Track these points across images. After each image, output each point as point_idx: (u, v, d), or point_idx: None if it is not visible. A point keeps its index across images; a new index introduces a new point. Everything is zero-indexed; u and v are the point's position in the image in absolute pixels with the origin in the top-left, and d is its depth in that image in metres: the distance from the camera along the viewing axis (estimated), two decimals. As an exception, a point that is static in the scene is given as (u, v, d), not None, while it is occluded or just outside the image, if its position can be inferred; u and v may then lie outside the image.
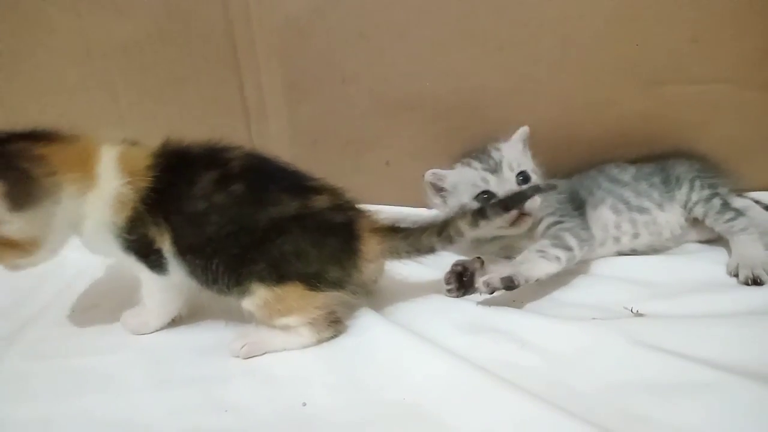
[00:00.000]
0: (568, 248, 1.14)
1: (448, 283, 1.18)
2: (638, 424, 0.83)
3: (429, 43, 1.30)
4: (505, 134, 1.33)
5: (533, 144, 1.31)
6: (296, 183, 1.05)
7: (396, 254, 1.04)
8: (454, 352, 0.98)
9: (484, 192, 1.21)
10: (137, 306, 1.13)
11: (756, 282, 1.10)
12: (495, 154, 1.23)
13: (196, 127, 1.42)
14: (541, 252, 1.13)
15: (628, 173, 1.34)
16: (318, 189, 1.05)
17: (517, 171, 1.22)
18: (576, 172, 1.37)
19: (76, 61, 1.36)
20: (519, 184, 1.21)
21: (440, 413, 0.87)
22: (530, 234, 1.24)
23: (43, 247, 1.00)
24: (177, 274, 1.05)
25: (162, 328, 1.13)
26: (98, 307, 1.24)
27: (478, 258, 1.22)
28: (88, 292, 1.30)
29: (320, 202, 1.03)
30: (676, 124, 1.38)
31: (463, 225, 1.03)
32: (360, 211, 1.07)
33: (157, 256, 1.03)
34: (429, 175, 1.25)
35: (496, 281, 1.09)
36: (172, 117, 1.41)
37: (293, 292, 0.99)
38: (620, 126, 1.38)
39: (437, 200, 1.29)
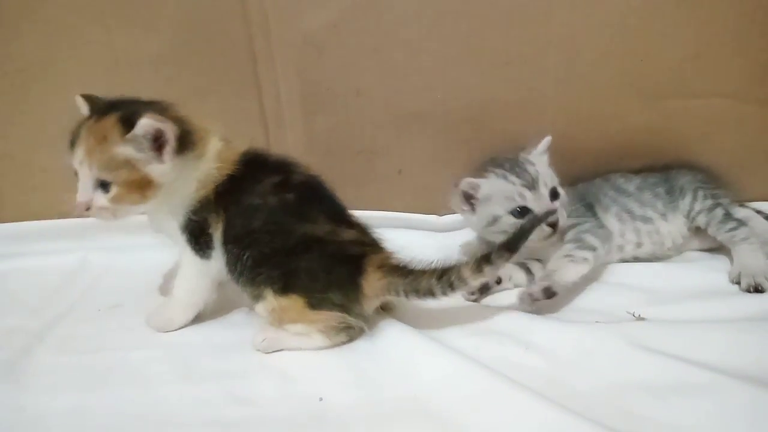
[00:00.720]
0: (593, 248, 1.19)
1: (471, 293, 1.22)
2: (638, 424, 0.86)
3: (440, 58, 1.35)
4: (514, 146, 1.38)
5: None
6: (336, 211, 1.13)
7: (395, 292, 1.06)
8: (463, 353, 1.01)
9: (521, 207, 1.20)
10: (162, 304, 1.19)
11: (758, 290, 1.14)
12: (531, 169, 1.22)
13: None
14: (569, 256, 1.17)
15: (632, 183, 1.37)
16: (351, 223, 1.13)
17: (549, 187, 1.23)
18: (581, 181, 1.41)
19: (105, 72, 1.41)
20: (551, 199, 1.22)
21: (449, 411, 0.91)
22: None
23: (155, 198, 1.08)
24: (217, 261, 1.12)
25: (185, 326, 1.17)
26: (122, 305, 1.28)
27: None
28: (112, 292, 1.34)
29: (347, 234, 1.10)
30: (678, 136, 1.41)
31: (467, 272, 1.02)
32: (377, 249, 1.12)
33: (207, 239, 1.11)
34: (464, 184, 1.24)
35: (537, 293, 1.13)
36: (195, 126, 1.47)
37: (295, 304, 1.06)
38: (624, 138, 1.41)
39: (466, 207, 1.28)
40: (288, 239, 1.07)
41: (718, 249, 1.32)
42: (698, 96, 1.37)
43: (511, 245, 1.01)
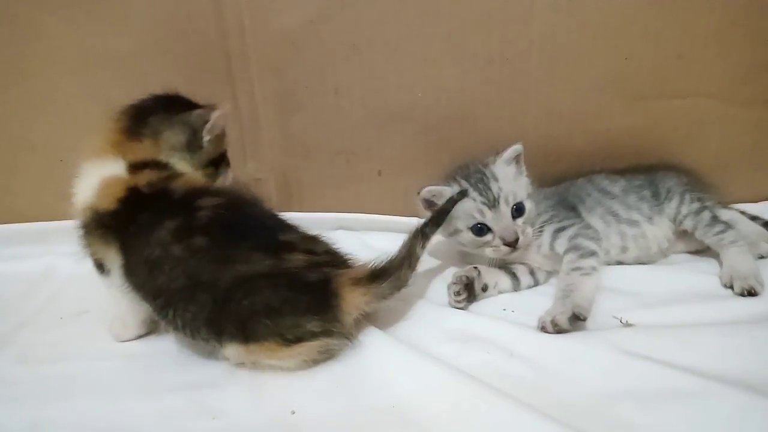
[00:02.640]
0: (594, 253, 1.16)
1: (457, 294, 1.17)
2: (624, 432, 0.84)
3: (420, 57, 1.32)
4: (496, 146, 1.35)
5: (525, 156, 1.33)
6: (269, 240, 1.01)
7: (382, 298, 1.02)
8: (443, 360, 0.99)
9: (481, 224, 1.20)
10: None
11: (751, 293, 1.12)
12: (494, 187, 1.20)
13: (190, 137, 1.43)
14: (579, 269, 1.14)
15: (617, 185, 1.35)
16: (292, 245, 1.02)
17: (512, 204, 1.20)
18: (563, 182, 1.38)
19: (72, 71, 1.36)
20: (513, 216, 1.20)
21: (429, 421, 0.88)
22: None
23: None
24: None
25: (146, 335, 1.13)
26: (88, 313, 1.24)
27: (475, 267, 1.22)
28: (78, 299, 1.29)
29: (294, 261, 0.99)
30: (661, 137, 1.40)
31: (419, 249, 1.08)
32: (339, 264, 1.04)
33: (99, 263, 1.07)
34: (425, 192, 1.22)
35: (564, 322, 1.05)
36: (166, 127, 1.42)
37: (267, 348, 0.97)
38: (607, 139, 1.40)
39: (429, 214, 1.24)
40: (217, 290, 0.96)
41: (704, 251, 1.30)
42: (681, 96, 1.36)
43: (436, 220, 1.14)
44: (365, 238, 1.49)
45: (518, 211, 1.21)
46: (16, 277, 1.40)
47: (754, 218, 1.37)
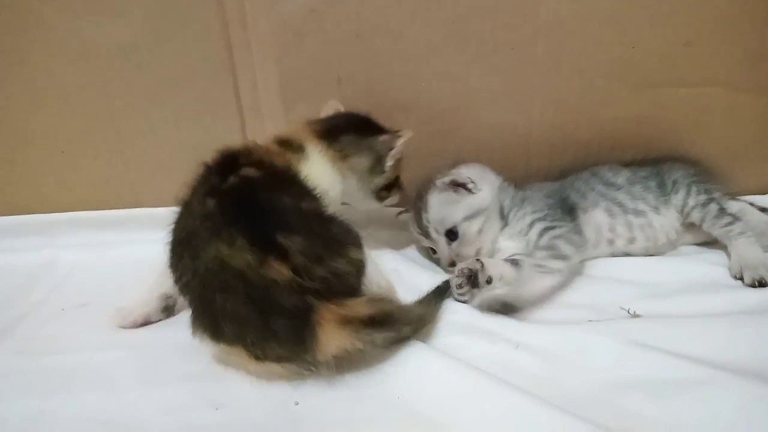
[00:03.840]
0: (565, 257, 1.14)
1: (460, 287, 1.14)
2: (632, 423, 0.82)
3: (424, 45, 1.30)
4: (501, 136, 1.34)
5: (527, 145, 1.32)
6: (263, 233, 0.89)
7: (372, 347, 0.89)
8: (448, 352, 0.97)
9: (429, 247, 1.32)
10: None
11: (761, 283, 1.11)
12: (423, 218, 1.28)
13: (192, 127, 1.42)
14: (540, 267, 1.12)
15: (622, 176, 1.33)
16: (285, 253, 0.88)
17: (443, 231, 1.25)
18: (570, 173, 1.36)
19: (71, 60, 1.35)
20: (451, 239, 1.25)
21: (433, 412, 0.86)
22: (519, 237, 1.25)
23: None
24: None
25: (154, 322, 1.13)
26: (89, 305, 1.23)
27: (478, 260, 1.21)
28: (79, 291, 1.29)
29: (277, 272, 0.87)
30: (669, 126, 1.38)
31: (430, 317, 1.04)
32: (335, 293, 0.90)
33: None
34: (401, 218, 1.39)
35: (496, 304, 1.08)
36: (167, 117, 1.41)
37: (237, 355, 0.90)
38: (614, 128, 1.38)
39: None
40: (197, 259, 0.90)
41: (713, 243, 1.28)
42: (689, 84, 1.34)
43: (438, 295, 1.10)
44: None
45: (452, 235, 1.25)
46: (16, 269, 1.39)
47: (763, 210, 1.35)
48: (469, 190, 1.27)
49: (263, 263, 0.87)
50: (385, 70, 1.33)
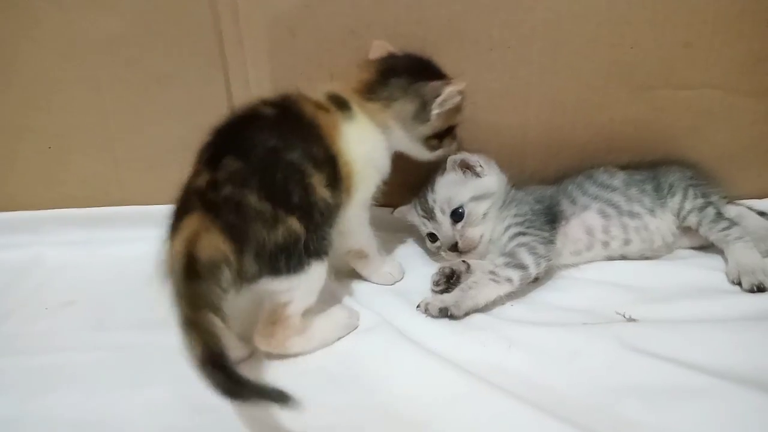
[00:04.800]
0: (523, 267, 1.11)
1: (437, 284, 1.17)
2: (628, 430, 0.81)
3: (419, 43, 1.27)
4: (498, 137, 1.32)
5: (522, 146, 1.30)
6: (212, 154, 0.97)
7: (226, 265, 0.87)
8: (441, 355, 0.96)
9: (430, 233, 1.29)
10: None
11: (760, 288, 1.09)
12: (430, 198, 1.27)
13: (182, 123, 1.38)
14: (493, 274, 1.10)
15: (617, 178, 1.31)
16: (216, 167, 0.93)
17: (449, 211, 1.24)
18: (566, 176, 1.34)
19: (60, 54, 1.32)
20: (455, 220, 1.23)
21: (427, 417, 0.85)
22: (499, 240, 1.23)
23: None
24: None
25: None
26: (74, 303, 1.21)
27: (464, 261, 1.21)
28: (65, 289, 1.27)
29: (198, 179, 0.94)
30: (667, 129, 1.36)
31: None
32: (213, 208, 0.89)
33: None
34: (396, 212, 1.37)
35: (434, 309, 1.08)
36: (157, 113, 1.38)
37: None
38: (611, 130, 1.36)
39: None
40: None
41: (710, 247, 1.26)
42: (688, 87, 1.32)
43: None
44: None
45: (457, 215, 1.23)
46: (1, 266, 1.36)
47: (762, 214, 1.33)
48: (477, 174, 1.25)
49: (198, 173, 0.95)
50: (380, 67, 1.30)
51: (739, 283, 1.12)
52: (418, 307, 1.10)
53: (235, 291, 0.91)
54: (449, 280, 1.17)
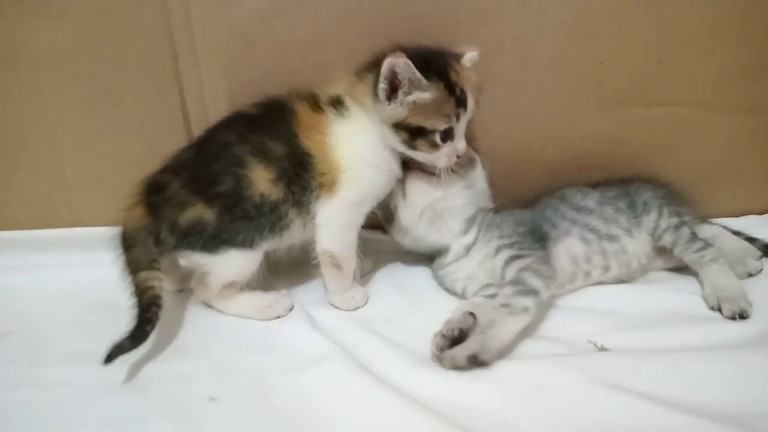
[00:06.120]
0: (535, 292, 1.02)
1: (441, 350, 0.97)
2: (599, 473, 0.75)
3: (382, 57, 1.23)
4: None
5: (491, 165, 1.25)
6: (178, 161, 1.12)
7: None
8: (401, 390, 0.89)
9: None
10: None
11: (742, 316, 1.04)
12: None
13: (134, 141, 1.32)
14: (507, 307, 1.00)
15: (591, 198, 1.26)
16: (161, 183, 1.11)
17: None
18: (536, 196, 1.29)
19: (1, 67, 1.24)
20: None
21: None
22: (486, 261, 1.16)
23: None
24: None
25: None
26: (11, 335, 1.11)
27: (471, 314, 1.05)
28: (2, 318, 1.17)
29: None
30: (639, 147, 1.33)
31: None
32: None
33: None
34: None
35: (461, 359, 0.94)
36: (107, 130, 1.30)
37: None
38: (582, 148, 1.32)
39: None
40: None
41: (685, 268, 1.21)
42: (661, 103, 1.29)
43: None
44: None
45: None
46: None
47: (737, 233, 1.30)
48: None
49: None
50: (341, 82, 1.25)
51: (719, 309, 1.07)
52: (435, 358, 0.96)
53: (162, 254, 1.09)
54: (457, 342, 0.99)
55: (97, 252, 1.32)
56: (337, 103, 1.11)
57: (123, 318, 1.09)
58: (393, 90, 1.03)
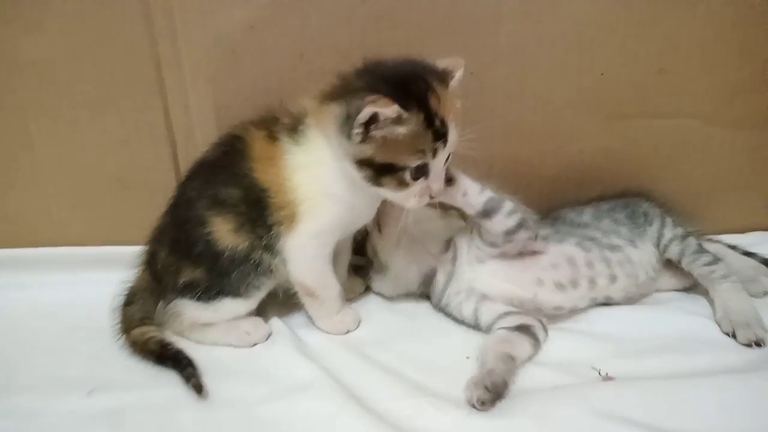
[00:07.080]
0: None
1: (483, 404, 0.87)
2: None
3: (375, 67, 1.18)
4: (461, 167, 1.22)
5: (488, 179, 1.20)
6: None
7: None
8: (394, 423, 0.84)
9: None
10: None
11: (758, 344, 0.99)
12: None
13: (116, 155, 1.27)
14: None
15: (585, 214, 1.21)
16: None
17: None
18: (536, 211, 1.24)
19: (-23, 79, 1.20)
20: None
21: None
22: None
23: None
24: None
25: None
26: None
27: (510, 356, 0.96)
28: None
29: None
30: (640, 160, 1.29)
31: None
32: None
33: None
34: None
35: (483, 395, 0.86)
36: (89, 142, 1.25)
37: None
38: (581, 162, 1.28)
39: None
40: None
41: (692, 288, 1.17)
42: (662, 116, 1.25)
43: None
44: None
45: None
46: None
47: (734, 247, 1.26)
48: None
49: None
50: (332, 93, 1.20)
51: (734, 336, 1.02)
52: (476, 404, 0.87)
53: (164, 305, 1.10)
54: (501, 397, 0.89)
55: (78, 272, 1.29)
56: (292, 131, 1.02)
57: (101, 340, 1.05)
58: (366, 131, 0.90)
